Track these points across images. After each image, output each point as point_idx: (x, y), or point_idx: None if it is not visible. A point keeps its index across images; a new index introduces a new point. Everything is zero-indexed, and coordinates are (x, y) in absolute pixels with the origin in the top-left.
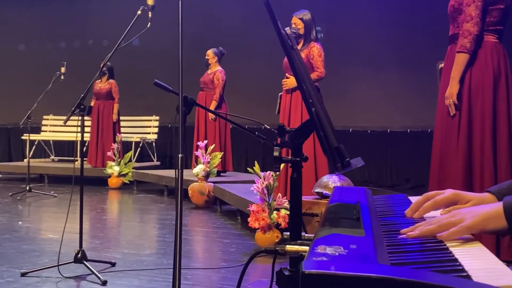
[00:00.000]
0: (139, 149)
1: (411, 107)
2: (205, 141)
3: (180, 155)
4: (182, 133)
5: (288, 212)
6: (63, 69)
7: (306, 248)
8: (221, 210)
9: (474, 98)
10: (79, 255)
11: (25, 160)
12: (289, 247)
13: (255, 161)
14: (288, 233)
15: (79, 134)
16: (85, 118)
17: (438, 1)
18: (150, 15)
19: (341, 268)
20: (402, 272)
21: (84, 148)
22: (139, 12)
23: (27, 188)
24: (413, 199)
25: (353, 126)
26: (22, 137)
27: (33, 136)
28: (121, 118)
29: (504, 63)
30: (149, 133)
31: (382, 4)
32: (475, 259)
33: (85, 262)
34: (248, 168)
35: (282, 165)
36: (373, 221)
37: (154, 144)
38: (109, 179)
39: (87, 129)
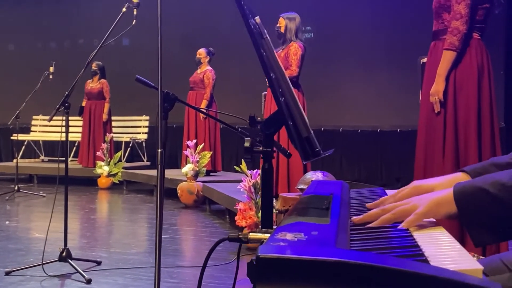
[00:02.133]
0: (129, 149)
1: (401, 107)
2: (194, 140)
3: (159, 150)
4: (162, 129)
5: (276, 211)
6: (51, 69)
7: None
8: (210, 209)
9: (459, 96)
10: (64, 254)
11: (15, 160)
12: (252, 235)
13: (243, 160)
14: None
15: (69, 135)
16: (77, 118)
17: (429, 1)
18: (135, 12)
19: (297, 252)
20: (357, 256)
21: (74, 148)
22: (124, 9)
23: (16, 188)
24: (391, 192)
25: (343, 126)
26: (12, 137)
27: (22, 136)
28: (112, 118)
29: (486, 60)
30: (139, 133)
31: (373, 4)
32: (436, 244)
33: (69, 260)
34: (235, 167)
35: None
36: (342, 211)
37: (144, 144)
38: (99, 179)
39: (78, 129)
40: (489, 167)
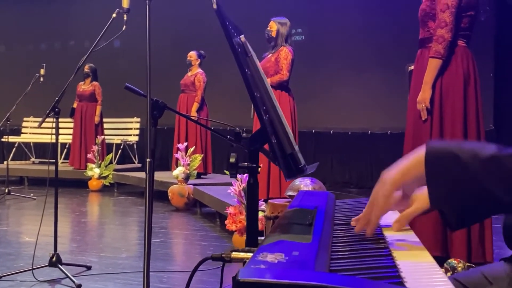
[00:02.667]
0: (120, 151)
1: (391, 109)
2: (185, 143)
3: (148, 160)
4: (151, 138)
5: (264, 213)
6: (42, 71)
7: (251, 255)
8: (201, 212)
9: (445, 103)
10: (54, 259)
11: (5, 162)
12: (234, 254)
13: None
14: (263, 238)
15: (59, 136)
16: (68, 120)
17: (419, 3)
18: (125, 18)
19: (276, 276)
20: (333, 280)
21: (65, 150)
22: (114, 15)
23: (6, 191)
24: None
25: (334, 128)
26: (2, 139)
27: (13, 138)
28: (104, 120)
29: (472, 68)
30: (130, 135)
31: (363, 7)
32: (415, 266)
33: (59, 265)
34: (225, 171)
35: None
36: (325, 226)
37: (135, 146)
38: (90, 181)
39: (69, 131)
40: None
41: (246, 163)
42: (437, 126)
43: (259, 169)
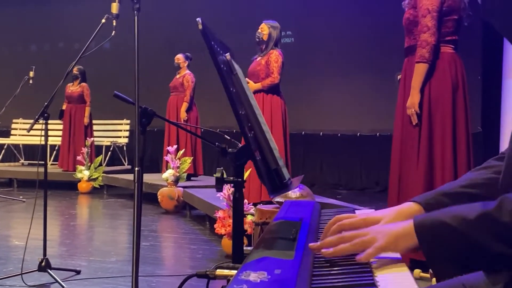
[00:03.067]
0: (109, 152)
1: (380, 111)
2: (175, 146)
3: (137, 169)
4: (140, 146)
5: (253, 218)
6: (31, 74)
7: (235, 272)
8: (191, 215)
9: (434, 108)
10: (43, 264)
11: None
12: (219, 272)
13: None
14: (250, 248)
15: (49, 139)
16: (57, 121)
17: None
18: (114, 24)
19: None
20: None
21: (55, 152)
22: (103, 20)
23: None
24: (362, 212)
25: (323, 130)
26: None
27: (2, 140)
28: (93, 121)
29: (461, 73)
30: (120, 136)
31: (353, 9)
32: (392, 283)
33: (49, 270)
34: (214, 175)
35: (247, 172)
36: (309, 241)
37: (125, 148)
38: (79, 184)
39: (58, 132)
40: (439, 197)
41: (232, 177)
42: (426, 131)
43: (245, 182)
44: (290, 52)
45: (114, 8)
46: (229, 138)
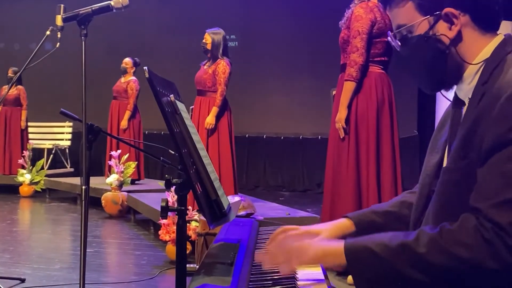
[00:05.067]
0: (51, 155)
1: (322, 115)
2: (119, 151)
3: (83, 187)
4: (86, 162)
5: (198, 224)
6: None
7: None
8: (135, 219)
9: (360, 124)
10: None
11: None
12: None
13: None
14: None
15: None
16: None
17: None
18: (59, 36)
19: None
20: None
21: None
22: (48, 32)
23: None
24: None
25: (267, 133)
26: None
27: None
28: (31, 124)
29: (388, 92)
30: (62, 139)
31: (296, 13)
32: None
33: None
34: (159, 182)
35: None
36: (245, 265)
37: (67, 151)
38: (21, 187)
39: None
40: (370, 214)
41: (175, 206)
42: (353, 145)
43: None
44: (235, 55)
45: (59, 20)
46: (173, 152)
